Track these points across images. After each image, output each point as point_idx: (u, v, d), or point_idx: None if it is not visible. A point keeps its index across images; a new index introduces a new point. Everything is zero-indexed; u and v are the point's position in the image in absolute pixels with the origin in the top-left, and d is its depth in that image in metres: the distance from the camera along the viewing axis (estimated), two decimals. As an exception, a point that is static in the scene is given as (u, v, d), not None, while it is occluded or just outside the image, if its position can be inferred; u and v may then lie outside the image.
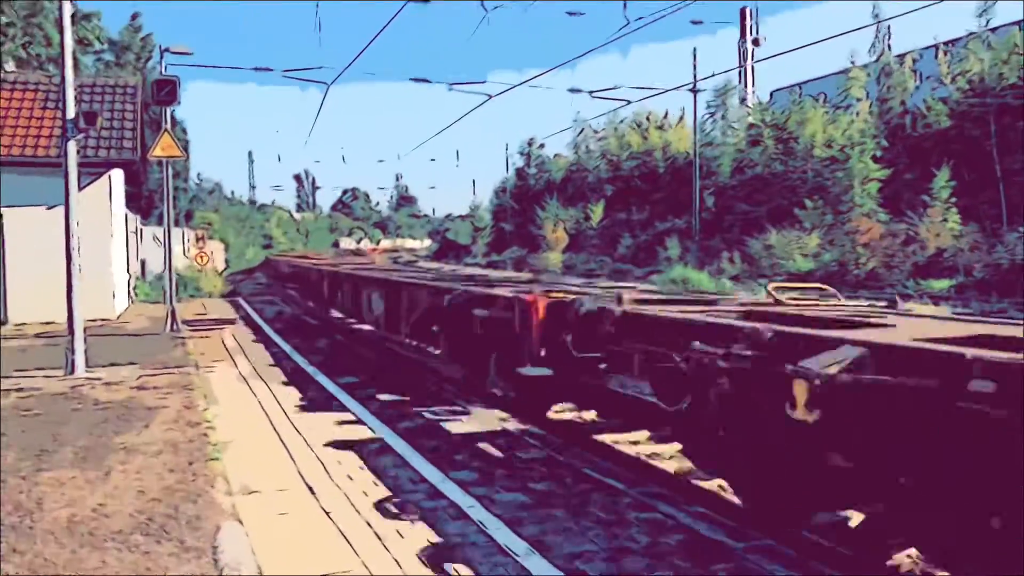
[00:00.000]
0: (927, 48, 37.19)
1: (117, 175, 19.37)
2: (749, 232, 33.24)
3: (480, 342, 9.13)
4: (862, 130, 33.31)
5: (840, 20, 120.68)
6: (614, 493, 5.78)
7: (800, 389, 4.31)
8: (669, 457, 7.00)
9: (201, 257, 30.90)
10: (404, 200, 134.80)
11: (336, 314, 19.74)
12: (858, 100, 35.90)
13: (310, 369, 11.86)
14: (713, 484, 6.14)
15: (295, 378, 11.06)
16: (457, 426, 8.01)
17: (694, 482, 6.27)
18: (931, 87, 34.90)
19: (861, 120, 34.36)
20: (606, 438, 7.80)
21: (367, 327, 16.83)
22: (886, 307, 7.15)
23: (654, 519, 5.23)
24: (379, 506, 5.51)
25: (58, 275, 11.20)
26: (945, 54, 33.89)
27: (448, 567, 4.45)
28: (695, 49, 38.39)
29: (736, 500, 5.63)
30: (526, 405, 8.52)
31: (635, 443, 7.62)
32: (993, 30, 32.66)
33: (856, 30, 41.90)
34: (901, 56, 37.23)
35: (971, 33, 32.49)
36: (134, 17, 41.08)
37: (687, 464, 6.40)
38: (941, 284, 22.99)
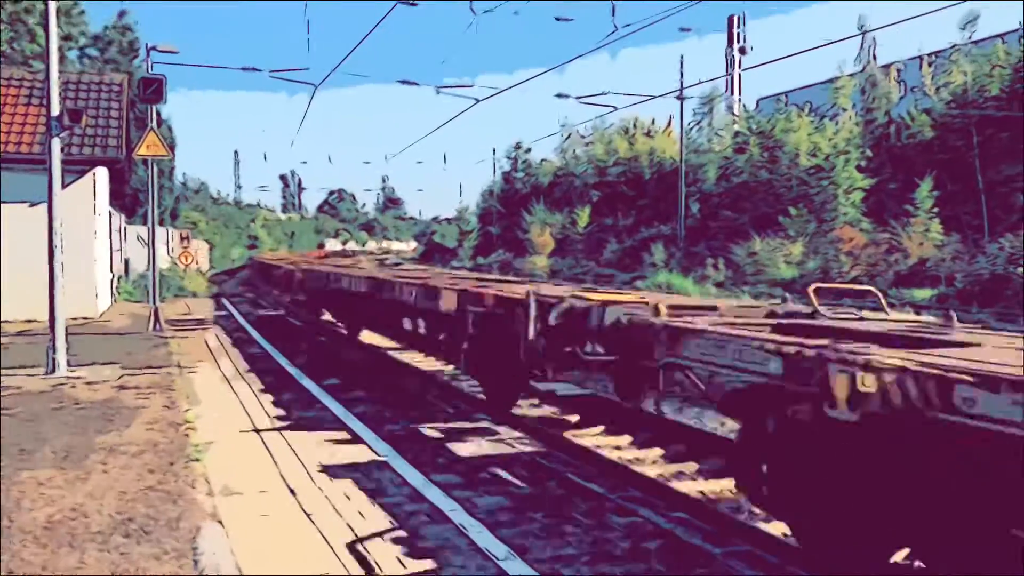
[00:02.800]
0: (912, 59, 37.53)
1: (102, 173, 19.25)
2: (734, 239, 33.39)
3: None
4: (847, 139, 33.56)
5: (827, 28, 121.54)
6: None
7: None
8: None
9: (185, 257, 30.78)
10: (391, 202, 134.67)
11: (327, 317, 19.33)
12: (844, 110, 36.17)
13: (293, 370, 11.83)
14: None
15: (278, 380, 11.02)
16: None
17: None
18: (915, 98, 35.21)
19: (846, 129, 34.62)
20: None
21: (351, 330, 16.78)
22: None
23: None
24: (361, 512, 5.50)
25: (40, 273, 11.13)
26: (929, 65, 34.20)
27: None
28: (682, 57, 38.63)
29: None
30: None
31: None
32: (976, 43, 32.98)
33: (842, 40, 42.19)
34: (886, 66, 37.53)
35: (955, 45, 32.80)
36: (121, 15, 40.82)
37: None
38: (923, 293, 23.17)
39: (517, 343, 7.32)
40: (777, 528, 5.46)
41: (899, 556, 4.77)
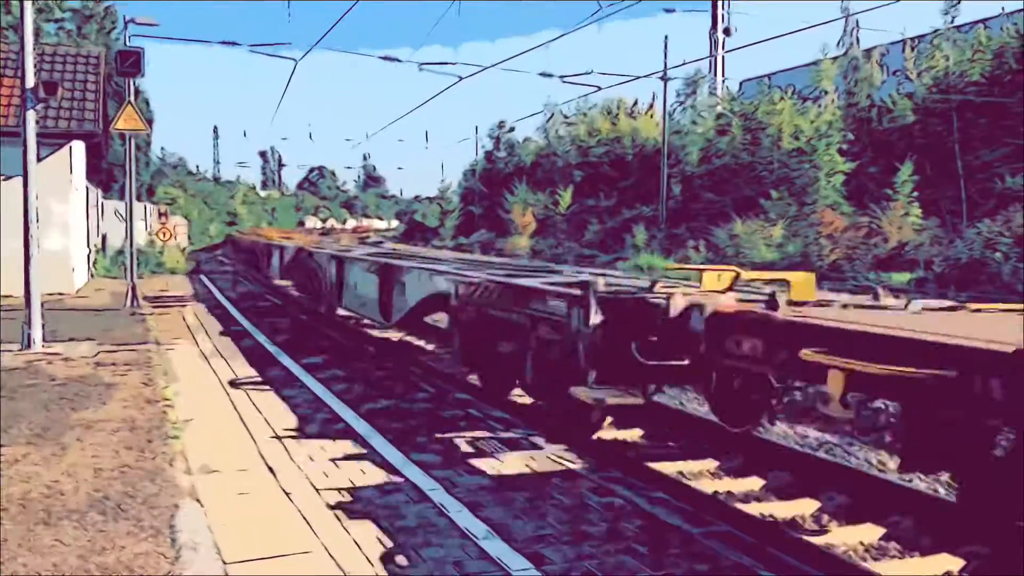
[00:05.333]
0: (894, 43, 37.56)
1: (78, 147, 18.99)
2: (715, 221, 33.46)
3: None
4: (829, 122, 33.59)
5: (811, 11, 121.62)
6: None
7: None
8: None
9: (164, 233, 30.50)
10: (372, 180, 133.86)
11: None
12: (826, 93, 36.19)
13: (272, 348, 11.77)
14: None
15: (257, 357, 10.96)
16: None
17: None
18: (897, 82, 35.29)
19: (828, 112, 34.65)
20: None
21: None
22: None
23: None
24: (341, 490, 5.49)
25: (15, 247, 10.98)
26: (912, 50, 34.25)
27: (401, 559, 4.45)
28: (666, 37, 38.54)
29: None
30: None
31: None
32: (959, 28, 33.07)
33: (825, 23, 42.21)
34: (869, 50, 37.55)
35: (937, 30, 32.88)
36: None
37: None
38: (901, 277, 23.33)
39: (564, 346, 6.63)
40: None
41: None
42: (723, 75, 51.04)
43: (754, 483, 6.45)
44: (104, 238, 29.33)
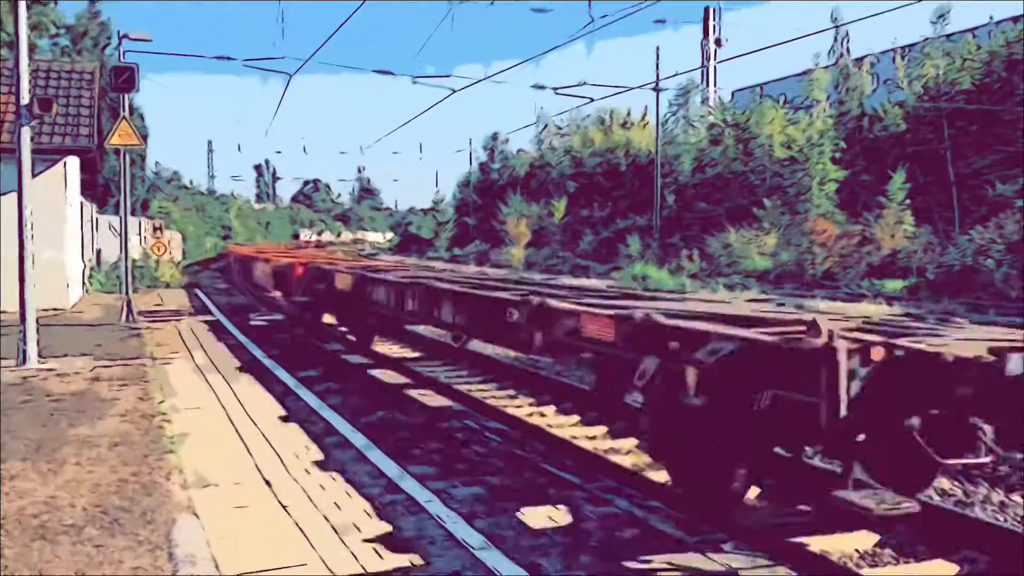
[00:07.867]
0: (885, 52, 37.82)
1: (73, 162, 19.00)
2: (708, 230, 33.60)
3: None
4: (821, 131, 33.77)
5: (803, 21, 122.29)
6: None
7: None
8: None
9: (158, 247, 30.47)
10: (366, 192, 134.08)
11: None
12: (818, 102, 36.39)
13: (267, 362, 11.76)
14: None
15: (253, 371, 10.96)
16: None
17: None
18: (888, 91, 35.50)
19: (820, 121, 34.83)
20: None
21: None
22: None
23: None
24: (337, 504, 5.50)
25: (10, 263, 10.99)
26: (902, 58, 34.49)
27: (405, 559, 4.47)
28: (658, 48, 38.79)
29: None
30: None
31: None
32: (948, 36, 33.32)
33: (816, 33, 42.49)
34: (859, 59, 37.80)
35: (926, 39, 33.14)
36: (92, 1, 40.18)
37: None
38: (894, 284, 23.44)
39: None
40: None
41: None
42: (715, 85, 51.35)
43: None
44: (99, 253, 29.30)
